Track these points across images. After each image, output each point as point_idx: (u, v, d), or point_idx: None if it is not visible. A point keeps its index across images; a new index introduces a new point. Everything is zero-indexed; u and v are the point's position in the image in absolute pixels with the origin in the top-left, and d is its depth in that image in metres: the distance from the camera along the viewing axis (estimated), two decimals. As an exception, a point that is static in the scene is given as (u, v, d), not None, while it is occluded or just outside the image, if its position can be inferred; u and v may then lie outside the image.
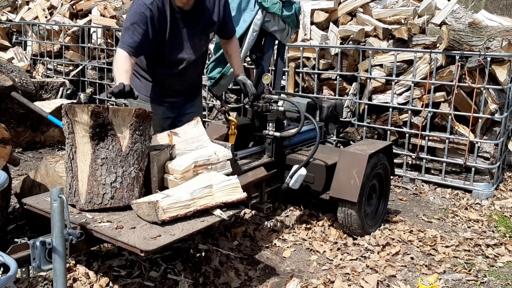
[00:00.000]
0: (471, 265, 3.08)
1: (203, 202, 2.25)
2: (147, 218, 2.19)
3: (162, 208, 2.12)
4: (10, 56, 7.45)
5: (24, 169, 4.61)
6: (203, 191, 2.25)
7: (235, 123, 3.42)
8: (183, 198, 2.19)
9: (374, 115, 4.91)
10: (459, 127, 4.43)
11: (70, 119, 2.26)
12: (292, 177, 3.21)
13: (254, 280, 2.77)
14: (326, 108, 3.83)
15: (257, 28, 3.49)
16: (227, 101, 5.71)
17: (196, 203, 2.23)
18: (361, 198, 3.19)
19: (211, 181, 2.30)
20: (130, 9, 2.79)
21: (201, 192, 2.24)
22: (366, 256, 3.11)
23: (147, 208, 2.16)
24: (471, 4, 10.32)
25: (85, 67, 7.05)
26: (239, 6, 3.49)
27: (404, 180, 4.71)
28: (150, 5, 2.69)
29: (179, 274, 2.73)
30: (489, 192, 4.34)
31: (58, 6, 7.79)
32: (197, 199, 2.23)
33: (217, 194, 2.29)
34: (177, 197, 2.19)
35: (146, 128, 2.39)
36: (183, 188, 2.29)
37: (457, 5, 5.30)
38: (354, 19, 5.27)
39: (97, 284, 2.60)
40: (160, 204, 2.12)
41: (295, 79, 5.30)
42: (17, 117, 5.05)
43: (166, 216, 2.14)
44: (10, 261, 1.70)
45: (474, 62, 4.23)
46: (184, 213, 2.19)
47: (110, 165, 2.28)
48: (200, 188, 2.24)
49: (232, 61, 3.26)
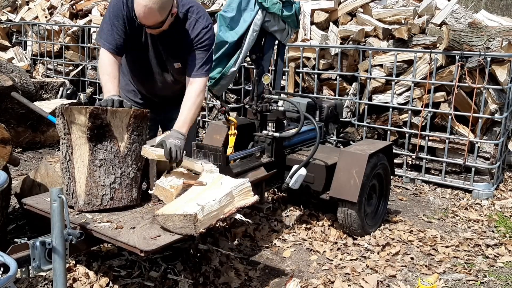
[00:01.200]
0: (471, 265, 3.08)
1: (227, 209, 2.19)
2: (178, 231, 2.06)
3: (200, 221, 2.02)
4: (10, 56, 7.45)
5: (24, 169, 4.61)
6: (227, 199, 2.19)
7: (235, 123, 3.42)
8: (214, 207, 2.11)
9: (374, 115, 4.91)
10: (459, 127, 4.43)
11: (66, 120, 2.24)
12: (292, 177, 3.21)
13: (254, 280, 2.77)
14: (326, 108, 3.83)
15: (257, 28, 3.49)
16: (227, 101, 5.71)
17: (223, 211, 2.17)
18: (361, 198, 3.19)
19: (230, 187, 2.24)
20: (109, 3, 2.69)
21: (225, 199, 2.18)
22: (366, 256, 3.11)
23: (182, 221, 2.03)
24: (471, 4, 10.33)
25: (85, 67, 7.05)
26: (239, 6, 3.49)
27: (404, 180, 4.71)
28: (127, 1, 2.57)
29: (179, 274, 2.73)
30: (489, 192, 4.34)
31: (58, 6, 7.79)
32: (224, 207, 2.18)
33: (236, 199, 2.25)
34: (209, 207, 2.09)
35: (143, 129, 2.40)
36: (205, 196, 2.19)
37: (457, 5, 5.30)
38: (354, 19, 5.27)
39: (97, 284, 2.60)
40: (198, 217, 2.01)
41: (295, 79, 5.30)
42: (17, 117, 5.05)
43: (202, 228, 2.04)
44: (10, 261, 1.70)
45: (474, 62, 4.23)
46: (214, 223, 2.12)
47: (109, 166, 2.28)
48: (224, 195, 2.18)
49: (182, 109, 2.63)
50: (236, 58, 3.46)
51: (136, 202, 2.39)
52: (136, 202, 2.39)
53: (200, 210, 2.03)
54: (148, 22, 2.48)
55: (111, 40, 2.61)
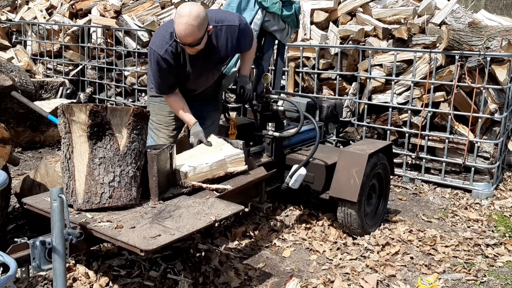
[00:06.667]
0: (470, 264, 3.08)
1: (217, 172, 2.73)
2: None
3: (189, 178, 2.57)
4: (10, 56, 7.44)
5: (24, 169, 4.61)
6: (218, 164, 2.73)
7: (235, 122, 3.42)
8: (204, 170, 2.66)
9: (374, 115, 4.91)
10: (459, 127, 4.43)
11: (67, 118, 2.25)
12: (292, 177, 3.21)
13: (254, 280, 2.77)
14: (326, 108, 3.83)
15: (257, 28, 3.49)
16: (227, 101, 5.71)
17: (212, 173, 2.71)
18: (360, 197, 3.19)
19: (224, 155, 2.78)
20: (149, 57, 3.02)
21: (216, 164, 2.73)
22: (366, 255, 3.11)
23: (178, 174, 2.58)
24: (471, 4, 10.33)
25: (85, 66, 7.04)
26: (239, 6, 3.49)
27: (404, 180, 4.71)
28: (164, 54, 2.88)
29: (178, 273, 2.73)
30: (488, 192, 4.34)
31: (58, 6, 7.78)
32: (214, 170, 2.72)
33: (228, 165, 2.78)
34: (200, 168, 2.64)
35: (143, 128, 2.40)
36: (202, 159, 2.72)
37: (456, 5, 5.30)
38: (354, 19, 5.27)
39: (97, 284, 2.60)
40: (188, 175, 2.57)
41: (295, 79, 5.30)
42: (17, 117, 5.05)
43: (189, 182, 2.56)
44: (10, 260, 1.70)
45: (474, 62, 4.23)
46: (202, 181, 2.64)
47: (108, 165, 2.28)
48: (216, 161, 2.72)
49: (243, 61, 3.38)
50: (237, 58, 3.46)
51: (135, 202, 2.39)
52: (135, 201, 2.39)
53: (192, 170, 2.59)
54: (188, 40, 2.75)
55: (163, 87, 3.06)
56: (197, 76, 3.11)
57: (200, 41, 2.78)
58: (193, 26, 2.68)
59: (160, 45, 2.89)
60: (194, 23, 2.68)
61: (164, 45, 2.88)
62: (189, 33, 2.70)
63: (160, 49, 2.88)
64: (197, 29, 2.71)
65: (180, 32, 2.72)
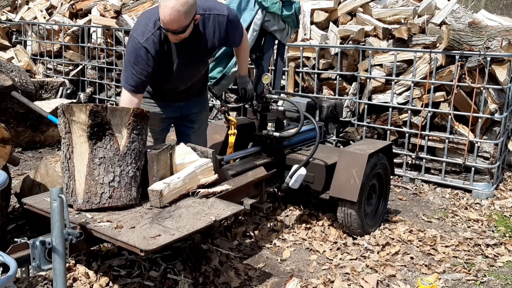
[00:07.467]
0: (470, 264, 3.08)
1: (190, 186, 2.53)
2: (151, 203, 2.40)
3: (165, 196, 2.36)
4: (10, 56, 7.44)
5: (24, 169, 4.61)
6: (190, 176, 2.54)
7: (235, 123, 3.42)
8: (177, 185, 2.47)
9: (374, 115, 4.91)
10: (459, 127, 4.43)
11: (67, 118, 2.26)
12: (292, 177, 3.21)
13: (254, 280, 2.77)
14: (326, 108, 3.83)
15: (257, 28, 3.49)
16: (227, 101, 5.71)
17: (186, 187, 2.51)
18: (361, 197, 3.19)
19: (194, 167, 2.60)
20: (127, 44, 2.75)
21: (189, 177, 2.53)
22: (366, 255, 3.11)
23: (153, 195, 2.38)
24: (471, 4, 10.33)
25: (85, 66, 7.05)
26: (239, 5, 3.49)
27: (404, 180, 4.71)
28: (145, 43, 2.63)
29: (179, 273, 2.73)
30: (489, 192, 4.34)
31: (58, 6, 7.78)
32: (187, 184, 2.52)
33: (199, 177, 2.61)
34: (173, 184, 2.45)
35: (143, 128, 2.40)
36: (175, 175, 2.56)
37: (457, 5, 5.30)
38: (354, 19, 5.27)
39: (97, 284, 2.60)
40: (164, 193, 2.36)
41: (295, 78, 5.30)
42: (17, 117, 5.05)
43: (166, 202, 2.38)
44: (10, 260, 1.70)
45: (474, 62, 4.23)
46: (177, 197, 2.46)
47: (108, 165, 2.28)
48: (188, 174, 2.53)
49: (238, 61, 3.25)
50: (237, 58, 3.46)
51: (135, 202, 2.39)
52: (135, 201, 2.39)
53: (166, 187, 2.38)
54: (172, 26, 2.51)
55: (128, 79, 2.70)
56: (182, 69, 2.85)
57: (185, 29, 2.56)
58: (179, 12, 2.46)
59: (142, 32, 2.65)
60: (181, 9, 2.46)
61: (146, 33, 2.63)
62: (175, 19, 2.48)
63: (141, 37, 2.63)
64: (184, 16, 2.49)
65: (165, 17, 2.48)
